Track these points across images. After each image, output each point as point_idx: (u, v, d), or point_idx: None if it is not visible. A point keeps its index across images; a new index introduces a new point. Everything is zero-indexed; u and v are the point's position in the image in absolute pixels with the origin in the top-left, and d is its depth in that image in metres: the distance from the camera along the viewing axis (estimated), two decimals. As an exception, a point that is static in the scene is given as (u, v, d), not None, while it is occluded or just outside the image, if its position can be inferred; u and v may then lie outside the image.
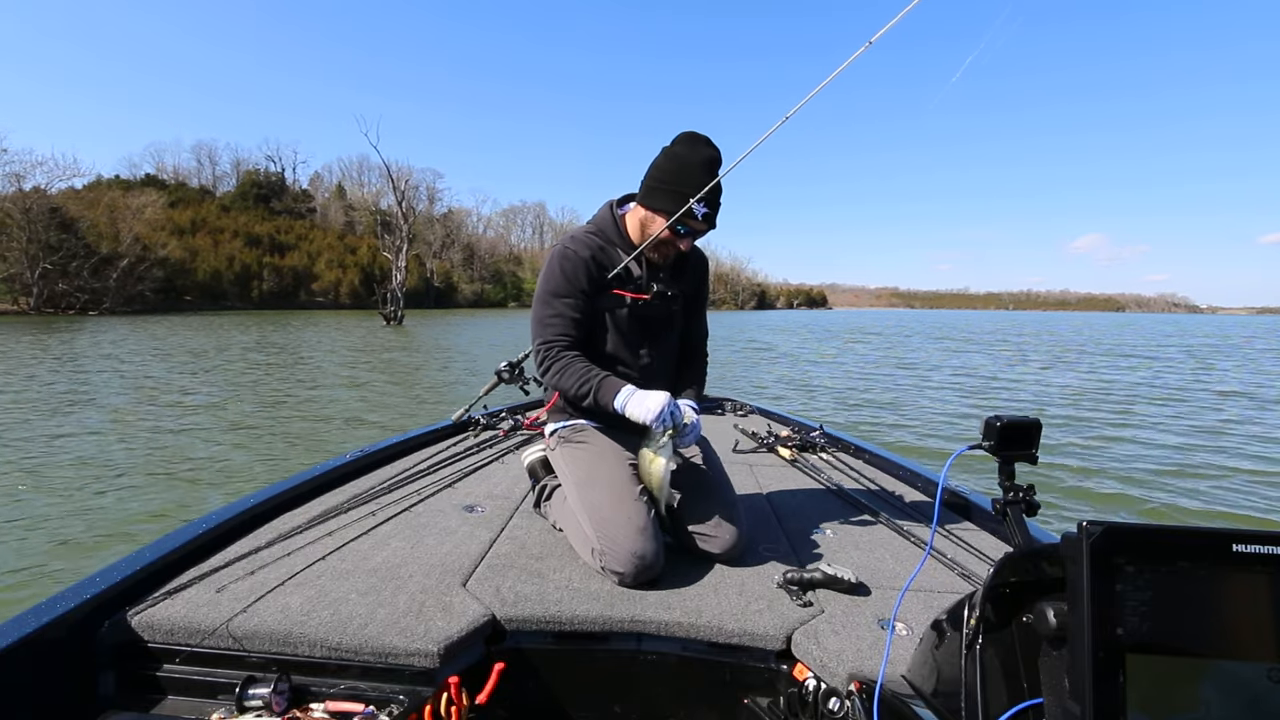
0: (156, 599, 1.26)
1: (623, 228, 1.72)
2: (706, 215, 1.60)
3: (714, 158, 1.59)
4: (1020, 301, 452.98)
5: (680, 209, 1.57)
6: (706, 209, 1.59)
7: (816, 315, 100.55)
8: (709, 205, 1.59)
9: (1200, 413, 9.22)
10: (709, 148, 1.60)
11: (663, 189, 1.60)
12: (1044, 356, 19.54)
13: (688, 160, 1.58)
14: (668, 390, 1.68)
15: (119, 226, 42.72)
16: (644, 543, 1.44)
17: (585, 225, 1.77)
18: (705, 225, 1.63)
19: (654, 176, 1.63)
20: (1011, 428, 1.09)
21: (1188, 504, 5.01)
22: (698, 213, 1.58)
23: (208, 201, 67.45)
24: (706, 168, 1.57)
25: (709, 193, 1.56)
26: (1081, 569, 0.62)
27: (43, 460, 5.20)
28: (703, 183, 1.55)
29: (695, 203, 1.56)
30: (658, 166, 1.63)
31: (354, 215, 71.34)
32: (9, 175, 38.49)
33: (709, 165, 1.58)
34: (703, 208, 1.58)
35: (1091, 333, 39.66)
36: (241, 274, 54.26)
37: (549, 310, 1.66)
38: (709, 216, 1.61)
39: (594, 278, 1.67)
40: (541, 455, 1.97)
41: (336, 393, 9.48)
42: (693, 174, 1.56)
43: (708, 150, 1.59)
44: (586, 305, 1.67)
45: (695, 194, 1.55)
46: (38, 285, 35.50)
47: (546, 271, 1.69)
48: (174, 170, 75.55)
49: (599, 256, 1.68)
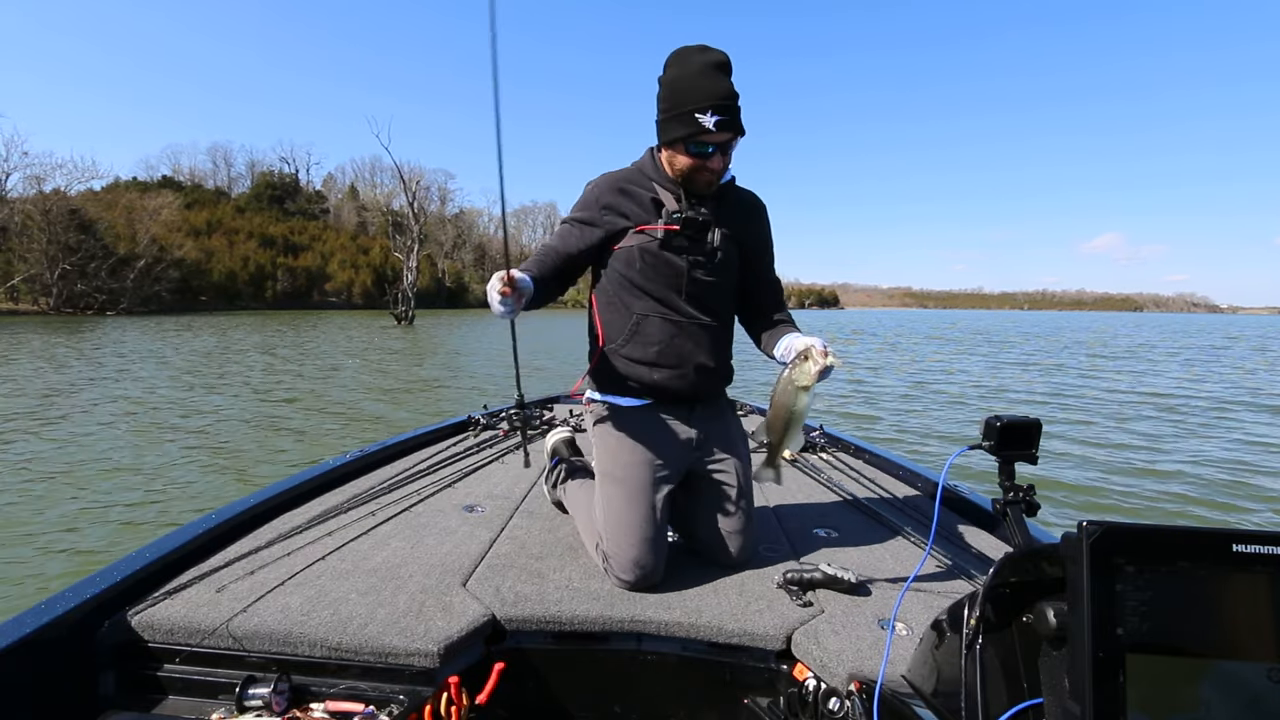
0: (156, 599, 1.27)
1: (660, 164, 1.55)
2: (721, 122, 1.39)
3: (712, 61, 1.39)
4: (1035, 301, 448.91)
5: (691, 128, 1.39)
6: (718, 115, 1.38)
7: (828, 315, 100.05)
8: (720, 110, 1.38)
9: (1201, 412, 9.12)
10: (705, 52, 1.41)
11: (668, 117, 1.44)
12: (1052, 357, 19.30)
13: (683, 74, 1.40)
14: (705, 378, 1.59)
15: (136, 228, 43.40)
16: (647, 553, 1.42)
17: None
18: (725, 134, 1.41)
19: (659, 108, 1.47)
20: (1011, 428, 1.08)
21: (1188, 504, 4.96)
22: (708, 124, 1.38)
23: (223, 203, 68.40)
24: (706, 72, 1.39)
25: (713, 97, 1.37)
26: (1081, 569, 0.62)
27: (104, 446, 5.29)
28: (705, 89, 1.38)
29: (705, 115, 1.37)
30: (659, 98, 1.47)
31: (366, 216, 71.95)
32: (30, 178, 39.34)
33: (709, 69, 1.39)
34: (712, 115, 1.38)
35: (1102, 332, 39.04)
36: (256, 274, 54.89)
37: (551, 240, 1.57)
38: (725, 123, 1.40)
39: (613, 207, 1.54)
40: (568, 436, 1.95)
41: (339, 393, 9.53)
42: (692, 85, 1.39)
43: (703, 56, 1.40)
44: (592, 236, 1.54)
45: (701, 104, 1.37)
46: (57, 286, 36.08)
47: (577, 204, 1.60)
48: (190, 172, 76.72)
49: (626, 187, 1.54)
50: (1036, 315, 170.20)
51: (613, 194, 1.54)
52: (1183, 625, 0.60)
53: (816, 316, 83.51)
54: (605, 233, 1.55)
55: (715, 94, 1.37)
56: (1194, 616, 0.61)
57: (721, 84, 1.38)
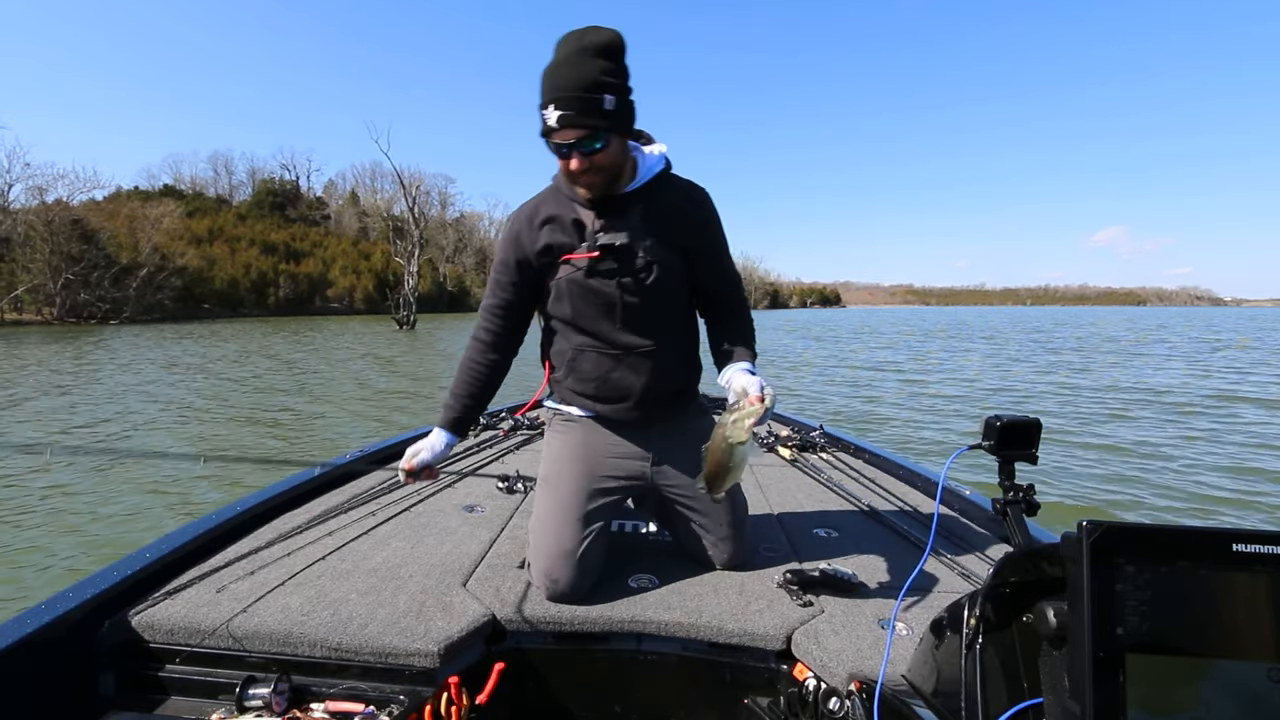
0: (156, 599, 1.27)
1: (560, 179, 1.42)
2: (563, 118, 1.21)
3: (575, 48, 1.22)
4: (1038, 297, 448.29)
5: (544, 128, 1.25)
6: (559, 109, 1.21)
7: (828, 314, 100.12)
8: (562, 104, 1.20)
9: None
10: (574, 39, 1.23)
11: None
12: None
13: (548, 65, 1.25)
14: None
15: (138, 236, 43.63)
16: (562, 568, 1.35)
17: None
18: (570, 131, 1.23)
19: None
20: (1011, 427, 1.08)
21: (1188, 504, 4.94)
22: (550, 120, 1.22)
23: (224, 210, 68.69)
24: (564, 61, 1.22)
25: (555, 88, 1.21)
26: (1081, 569, 0.62)
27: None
28: (552, 80, 1.22)
29: (547, 111, 1.22)
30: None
31: (367, 221, 72.14)
32: (32, 189, 39.56)
33: (569, 57, 1.22)
34: (553, 110, 1.21)
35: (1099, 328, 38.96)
36: (258, 281, 55.08)
37: (488, 299, 1.49)
38: (567, 119, 1.21)
39: (534, 243, 1.41)
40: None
41: (341, 389, 9.56)
42: (546, 77, 1.23)
43: (569, 43, 1.23)
44: (524, 278, 1.44)
45: (544, 98, 1.22)
46: (60, 295, 36.26)
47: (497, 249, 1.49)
48: (191, 180, 77.14)
49: (544, 215, 1.41)
50: (1039, 310, 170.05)
51: (530, 229, 1.41)
52: (1183, 625, 0.60)
53: (818, 315, 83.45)
54: (534, 271, 1.44)
55: (559, 85, 1.21)
56: (1194, 616, 0.61)
57: (572, 73, 1.20)
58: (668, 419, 1.55)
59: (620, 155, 1.33)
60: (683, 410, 1.58)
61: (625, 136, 1.33)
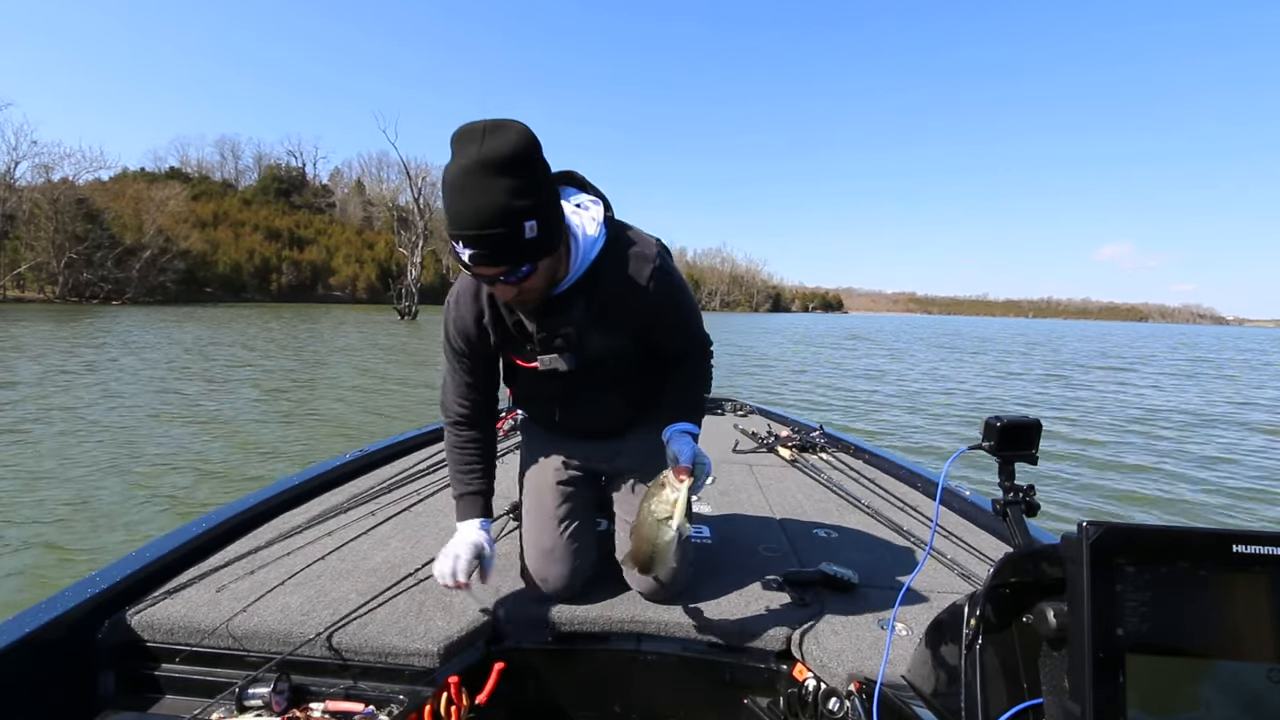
0: (156, 599, 1.27)
1: None
2: (475, 256, 1.04)
3: (470, 164, 0.99)
4: (1040, 309, 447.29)
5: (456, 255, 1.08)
6: (469, 248, 1.03)
7: (829, 319, 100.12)
8: (470, 243, 1.03)
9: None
10: (473, 145, 1.00)
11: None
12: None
13: (445, 178, 1.04)
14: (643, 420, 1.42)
15: (143, 218, 43.61)
16: (549, 566, 1.37)
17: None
18: (485, 268, 1.06)
19: None
20: (1011, 428, 1.08)
21: (1189, 505, 4.96)
22: (463, 256, 1.05)
23: (230, 195, 68.51)
24: (460, 185, 1.01)
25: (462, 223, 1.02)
26: (1081, 569, 0.62)
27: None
28: (456, 209, 1.02)
29: (457, 245, 1.05)
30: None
31: (372, 211, 71.98)
32: (38, 167, 39.61)
33: (465, 180, 1.00)
34: (464, 248, 1.04)
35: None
36: (261, 267, 55.05)
37: (450, 380, 1.37)
38: (480, 258, 1.04)
39: (480, 336, 1.30)
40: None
41: (339, 386, 9.55)
42: (448, 202, 1.03)
43: (467, 153, 1.00)
44: (478, 360, 1.34)
45: (451, 230, 1.04)
46: (63, 274, 36.32)
47: (443, 332, 1.35)
48: (197, 164, 76.96)
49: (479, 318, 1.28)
50: (1041, 324, 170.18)
51: (474, 324, 1.28)
52: (1183, 625, 0.60)
53: (819, 320, 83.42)
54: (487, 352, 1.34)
55: (465, 220, 1.01)
56: (1194, 617, 0.61)
57: (478, 204, 1.00)
58: (624, 438, 1.52)
59: (552, 269, 1.15)
60: (639, 430, 1.50)
61: (555, 252, 1.13)
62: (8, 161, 38.22)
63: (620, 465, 1.51)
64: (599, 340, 1.28)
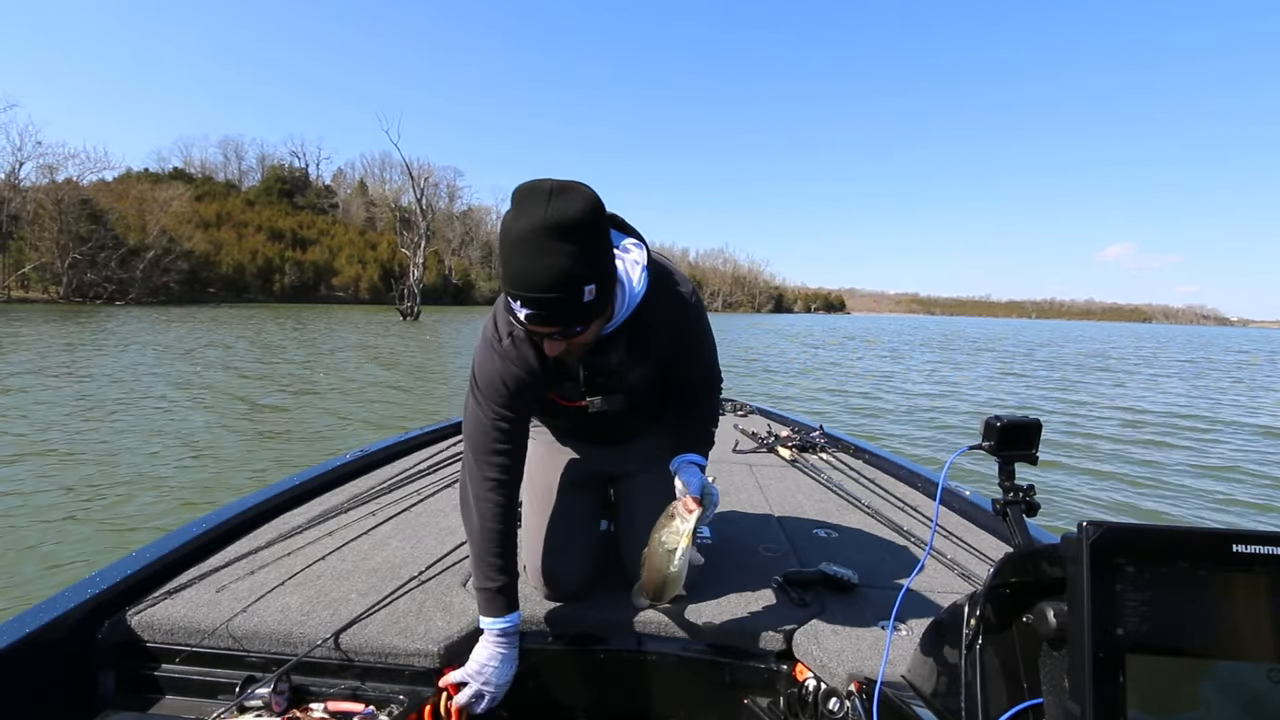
0: (156, 599, 1.27)
1: None
2: (532, 316, 1.05)
3: (535, 226, 1.00)
4: (1043, 310, 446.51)
5: (510, 310, 1.09)
6: (528, 308, 1.05)
7: (832, 320, 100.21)
8: (530, 304, 1.04)
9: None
10: (540, 208, 1.01)
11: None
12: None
13: (505, 235, 1.04)
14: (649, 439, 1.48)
15: (146, 219, 43.77)
16: (553, 564, 1.36)
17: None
18: (537, 328, 1.08)
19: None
20: (1011, 428, 1.08)
21: (1189, 504, 4.95)
22: (518, 314, 1.07)
23: (233, 195, 68.79)
24: (524, 246, 1.01)
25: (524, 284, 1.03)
26: (1081, 569, 0.62)
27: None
28: (517, 268, 1.03)
29: (514, 303, 1.06)
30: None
31: (375, 211, 72.17)
32: (43, 168, 39.79)
33: (529, 241, 1.01)
34: (521, 308, 1.05)
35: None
36: (264, 267, 55.20)
37: (482, 436, 1.26)
38: (538, 318, 1.06)
39: (531, 384, 1.26)
40: None
41: (342, 386, 9.53)
42: (506, 258, 1.04)
43: (533, 214, 1.01)
44: (526, 415, 1.30)
45: (510, 288, 1.05)
46: (67, 275, 36.47)
47: (482, 378, 1.26)
48: (201, 164, 77.24)
49: (537, 356, 1.24)
50: (1043, 324, 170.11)
51: (513, 378, 1.24)
52: (1183, 625, 0.60)
53: (821, 321, 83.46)
54: (529, 400, 1.30)
55: (525, 281, 1.03)
56: (1194, 617, 0.60)
57: (540, 266, 1.01)
58: (634, 441, 1.55)
59: (603, 324, 1.17)
60: (648, 436, 1.54)
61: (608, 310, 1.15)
62: (13, 162, 38.54)
63: (625, 468, 1.53)
64: (636, 375, 1.33)
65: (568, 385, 1.32)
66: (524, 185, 1.05)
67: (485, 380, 1.25)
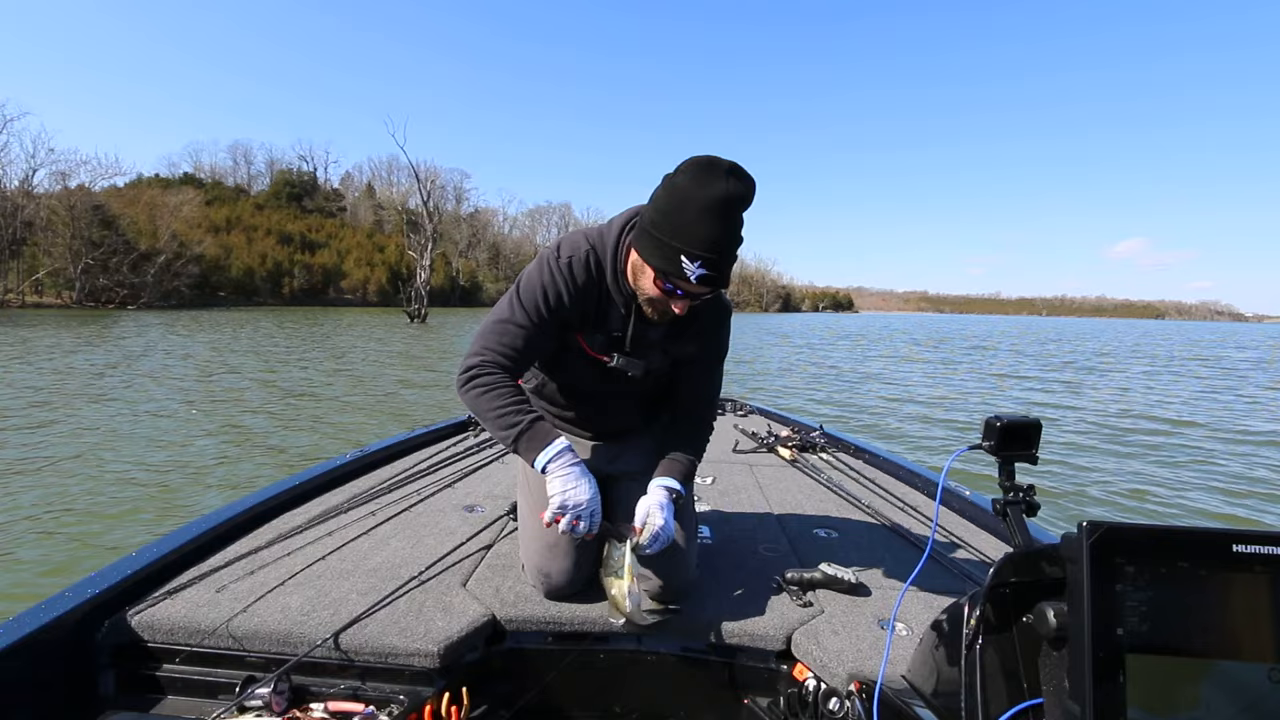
0: (156, 599, 1.27)
1: (622, 262, 1.32)
2: (705, 277, 1.17)
3: (726, 197, 1.13)
4: (1054, 307, 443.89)
5: (669, 266, 1.18)
6: (705, 269, 1.16)
7: (838, 319, 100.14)
8: (708, 265, 1.16)
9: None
10: (722, 181, 1.13)
11: (652, 235, 1.19)
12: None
13: (687, 199, 1.14)
14: (638, 446, 1.53)
15: (157, 224, 44.05)
16: (551, 560, 1.36)
17: (592, 233, 1.37)
18: (704, 288, 1.20)
19: (648, 214, 1.22)
20: (1012, 428, 1.07)
21: (1189, 504, 4.90)
22: (690, 274, 1.16)
23: (242, 200, 69.21)
24: (713, 213, 1.13)
25: (705, 245, 1.15)
26: (1081, 569, 0.62)
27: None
28: (702, 234, 1.14)
29: (689, 261, 1.16)
30: (654, 200, 1.22)
31: (383, 214, 72.58)
32: (55, 174, 40.17)
33: (718, 209, 1.13)
34: (699, 267, 1.16)
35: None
36: (273, 271, 55.42)
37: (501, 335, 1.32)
38: (709, 279, 1.18)
39: (570, 314, 1.34)
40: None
41: (344, 387, 9.62)
42: (690, 220, 1.14)
43: (719, 186, 1.13)
44: (550, 328, 1.35)
45: (689, 248, 1.15)
46: (80, 280, 36.75)
47: (526, 286, 1.33)
48: (211, 169, 77.87)
49: (587, 289, 1.33)
50: (1054, 321, 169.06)
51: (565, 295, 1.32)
52: (1183, 625, 0.60)
53: (828, 320, 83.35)
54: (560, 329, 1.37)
55: (708, 243, 1.14)
56: (1194, 616, 0.60)
57: (720, 230, 1.14)
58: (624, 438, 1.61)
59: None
60: (637, 435, 1.61)
61: None
62: (26, 169, 38.89)
63: (620, 468, 1.56)
64: (662, 355, 1.42)
65: (599, 337, 1.38)
66: (701, 158, 1.17)
67: (528, 287, 1.33)
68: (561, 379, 1.50)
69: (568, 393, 1.53)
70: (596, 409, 1.54)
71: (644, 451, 1.55)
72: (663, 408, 1.58)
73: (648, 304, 1.30)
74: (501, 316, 1.33)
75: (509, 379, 1.32)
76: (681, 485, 1.40)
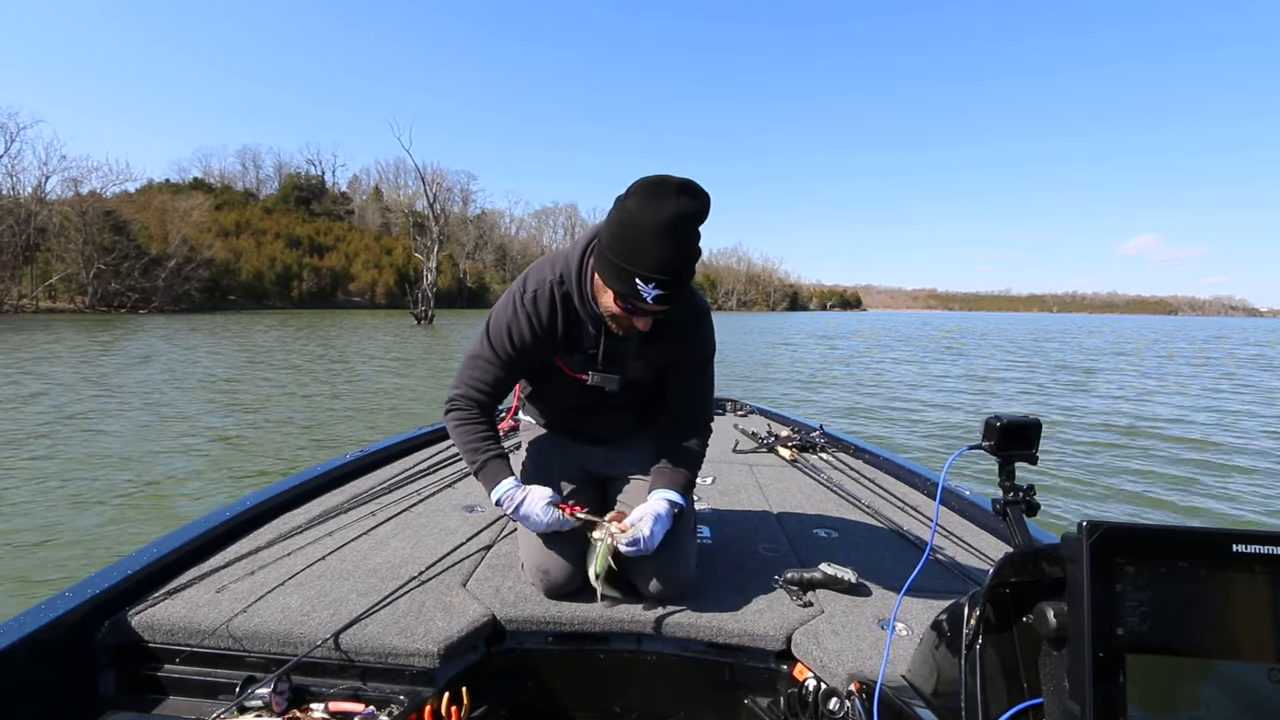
0: (156, 599, 1.27)
1: (588, 284, 1.33)
2: (660, 297, 1.19)
3: (676, 217, 1.13)
4: (1065, 304, 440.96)
5: (625, 289, 1.20)
6: (659, 289, 1.17)
7: (847, 316, 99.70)
8: (663, 285, 1.17)
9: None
10: (672, 201, 1.14)
11: (607, 258, 1.21)
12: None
13: (638, 222, 1.15)
14: (635, 441, 1.58)
15: (168, 228, 44.44)
16: (550, 558, 1.37)
17: (558, 261, 1.38)
18: (659, 307, 1.22)
19: (604, 237, 1.24)
20: (1011, 428, 1.07)
21: (1189, 504, 4.86)
22: (646, 294, 1.18)
23: (251, 204, 69.63)
24: (665, 234, 1.14)
25: (661, 268, 1.16)
26: (1081, 569, 0.62)
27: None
28: (654, 256, 1.15)
29: (644, 284, 1.17)
30: (608, 224, 1.23)
31: (390, 217, 72.94)
32: (67, 181, 40.68)
33: (669, 230, 1.14)
34: (653, 289, 1.17)
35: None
36: (282, 274, 55.73)
37: (473, 370, 1.41)
38: (665, 298, 1.19)
39: (539, 345, 1.38)
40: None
41: (349, 387, 9.70)
42: (642, 243, 1.15)
43: (669, 207, 1.14)
44: (523, 361, 1.41)
45: (643, 270, 1.16)
46: (92, 285, 37.12)
47: (494, 323, 1.38)
48: (220, 174, 78.35)
49: (553, 320, 1.36)
50: (1066, 318, 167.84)
51: (533, 330, 1.36)
52: (1183, 625, 0.60)
53: (836, 318, 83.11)
54: (532, 357, 1.42)
55: (660, 264, 1.16)
56: (1194, 616, 0.60)
57: (673, 250, 1.16)
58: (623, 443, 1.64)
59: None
60: (639, 437, 1.64)
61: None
62: (38, 176, 39.41)
63: (617, 469, 1.59)
64: (641, 369, 1.44)
65: (576, 357, 1.41)
66: (650, 179, 1.18)
67: (496, 326, 1.38)
68: (550, 396, 1.57)
69: (559, 406, 1.60)
70: (588, 419, 1.58)
71: (641, 452, 1.57)
72: (657, 412, 1.60)
73: (613, 320, 1.32)
74: (474, 352, 1.42)
75: (480, 413, 1.42)
76: (682, 497, 1.43)
